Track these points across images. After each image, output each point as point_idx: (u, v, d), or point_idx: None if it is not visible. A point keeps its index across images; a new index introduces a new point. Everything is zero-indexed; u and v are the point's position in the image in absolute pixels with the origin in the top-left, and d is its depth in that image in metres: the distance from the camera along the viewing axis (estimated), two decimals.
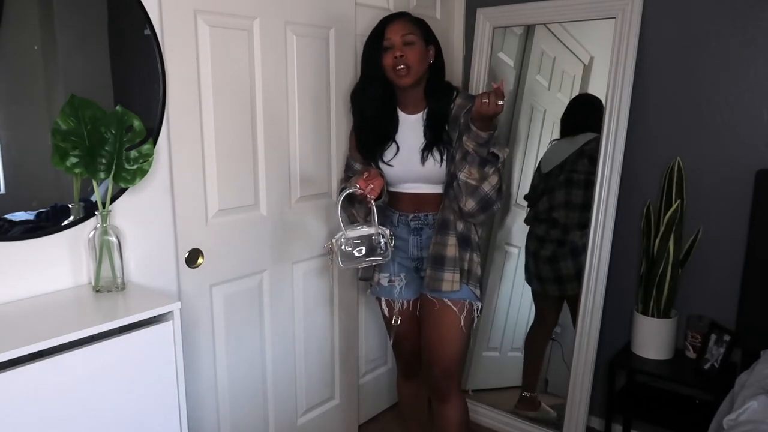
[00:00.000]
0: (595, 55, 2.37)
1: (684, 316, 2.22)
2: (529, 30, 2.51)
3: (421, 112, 1.92)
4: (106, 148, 1.45)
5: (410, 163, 1.89)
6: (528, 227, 2.52)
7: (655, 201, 2.21)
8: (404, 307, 2.01)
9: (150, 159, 1.52)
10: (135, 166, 1.50)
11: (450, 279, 1.84)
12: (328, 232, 2.22)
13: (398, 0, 2.39)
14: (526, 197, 2.54)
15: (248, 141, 1.91)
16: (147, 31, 1.60)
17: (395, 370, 2.71)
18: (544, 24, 2.44)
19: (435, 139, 1.86)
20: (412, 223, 1.93)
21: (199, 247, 1.83)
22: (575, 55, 2.42)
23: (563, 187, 2.40)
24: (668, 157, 2.19)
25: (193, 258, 1.82)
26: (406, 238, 1.95)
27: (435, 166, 1.86)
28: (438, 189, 1.91)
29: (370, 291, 2.11)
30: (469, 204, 1.77)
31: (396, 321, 2.01)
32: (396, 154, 1.90)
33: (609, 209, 2.24)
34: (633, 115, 2.22)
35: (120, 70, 1.59)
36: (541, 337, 2.57)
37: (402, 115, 1.94)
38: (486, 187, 1.75)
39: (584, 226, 2.34)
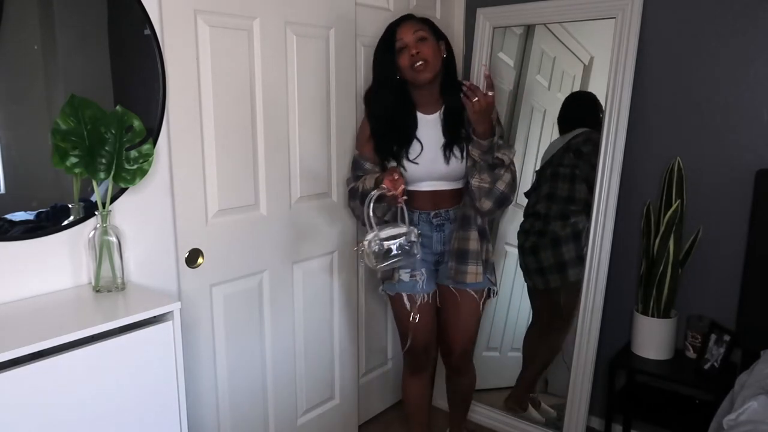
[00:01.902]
0: (595, 55, 2.37)
1: (684, 316, 2.22)
2: (529, 30, 2.51)
3: (438, 112, 1.97)
4: (106, 148, 1.45)
5: (434, 161, 1.94)
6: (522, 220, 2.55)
7: (655, 201, 2.21)
8: (425, 300, 2.05)
9: (150, 159, 1.52)
10: (135, 166, 1.50)
11: (474, 271, 1.95)
12: (328, 231, 2.22)
13: (398, 0, 2.39)
14: (526, 194, 2.55)
15: (248, 141, 1.91)
16: (147, 31, 1.60)
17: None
18: (544, 24, 2.44)
19: (454, 136, 1.92)
20: (434, 220, 1.98)
21: (199, 247, 1.83)
22: (575, 55, 2.42)
23: (548, 181, 2.44)
24: (668, 157, 2.19)
25: (193, 258, 1.82)
26: (430, 235, 2.00)
27: (457, 162, 1.93)
28: (455, 185, 1.98)
29: (384, 288, 2.09)
30: (486, 204, 1.85)
31: (415, 318, 2.03)
32: (421, 153, 1.94)
33: (609, 209, 2.24)
34: (633, 115, 2.22)
35: (120, 70, 1.59)
36: (536, 336, 2.57)
37: (420, 116, 1.98)
38: (500, 186, 1.83)
39: (566, 216, 2.37)
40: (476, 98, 1.71)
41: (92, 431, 1.33)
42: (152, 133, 1.62)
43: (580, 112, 2.40)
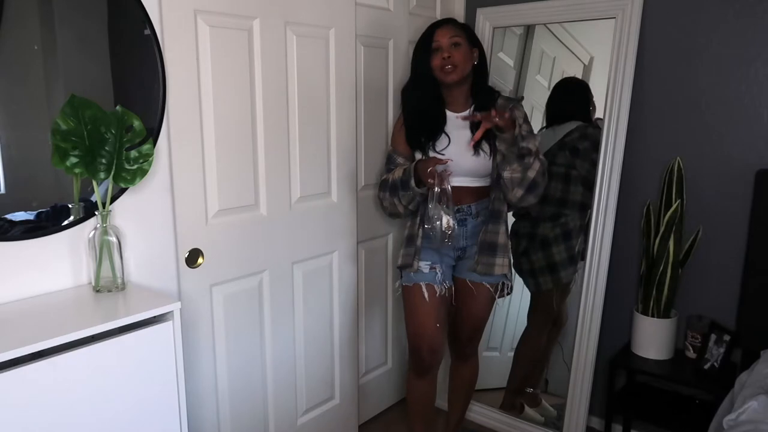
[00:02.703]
0: (595, 55, 2.37)
1: (684, 316, 2.22)
2: (529, 30, 2.51)
3: (466, 112, 2.05)
4: (106, 148, 1.45)
5: (462, 155, 2.00)
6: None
7: (655, 201, 2.21)
8: (442, 293, 2.08)
9: (150, 159, 1.52)
10: (135, 166, 1.50)
11: (501, 263, 2.04)
12: (328, 231, 2.22)
13: (398, 0, 2.39)
14: None
15: (248, 141, 1.91)
16: (147, 31, 1.60)
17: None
18: (544, 24, 2.44)
19: (483, 133, 1.97)
20: (457, 215, 2.01)
21: (199, 247, 1.83)
22: (575, 55, 2.42)
23: None
24: (668, 157, 2.19)
25: (193, 258, 1.82)
26: None
27: (485, 158, 1.99)
28: (478, 183, 2.04)
29: (402, 281, 2.11)
30: (518, 193, 1.94)
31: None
32: (448, 145, 2.01)
33: (609, 209, 2.24)
34: (633, 115, 2.22)
35: (120, 70, 1.59)
36: (527, 337, 2.57)
37: (449, 114, 2.05)
38: (531, 174, 1.90)
39: (557, 217, 2.37)
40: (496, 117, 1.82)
41: (92, 431, 1.33)
42: (152, 133, 1.62)
43: (572, 103, 2.39)
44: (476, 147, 1.99)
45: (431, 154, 2.02)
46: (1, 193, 1.43)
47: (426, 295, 2.06)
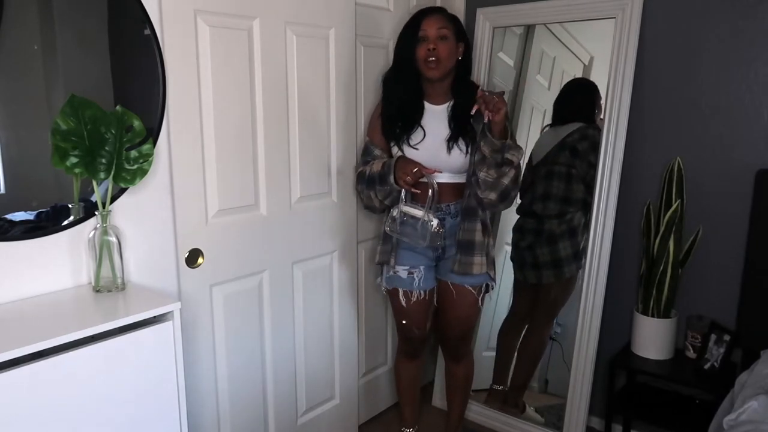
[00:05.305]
0: (595, 55, 2.37)
1: (684, 316, 2.22)
2: (529, 30, 2.51)
3: (446, 104, 2.03)
4: (106, 148, 1.45)
5: (436, 151, 1.98)
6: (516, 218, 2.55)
7: (655, 201, 2.21)
8: (421, 297, 2.10)
9: (150, 159, 1.52)
10: (135, 166, 1.50)
11: (479, 262, 2.00)
12: (328, 231, 2.22)
13: (398, 0, 2.39)
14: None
15: (248, 141, 1.91)
16: (147, 31, 1.60)
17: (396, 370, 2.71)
18: (544, 24, 2.44)
19: (460, 130, 1.97)
20: (436, 213, 1.99)
21: (199, 247, 1.83)
22: (575, 55, 2.42)
23: (544, 180, 2.42)
24: (668, 157, 2.19)
25: (193, 258, 1.82)
26: None
27: (460, 155, 1.97)
28: (458, 179, 2.02)
29: (381, 281, 2.17)
30: (491, 196, 1.91)
31: (402, 322, 2.16)
32: (423, 139, 1.99)
33: (609, 209, 2.24)
34: (633, 115, 2.22)
35: (120, 70, 1.59)
36: (514, 329, 2.59)
37: (427, 105, 2.04)
38: (505, 181, 1.88)
39: (562, 215, 2.38)
40: (490, 109, 1.76)
41: (92, 431, 1.33)
42: (152, 133, 1.62)
43: (577, 104, 2.39)
44: (449, 144, 1.97)
45: (405, 147, 2.01)
46: (1, 193, 1.43)
47: (403, 302, 2.11)
